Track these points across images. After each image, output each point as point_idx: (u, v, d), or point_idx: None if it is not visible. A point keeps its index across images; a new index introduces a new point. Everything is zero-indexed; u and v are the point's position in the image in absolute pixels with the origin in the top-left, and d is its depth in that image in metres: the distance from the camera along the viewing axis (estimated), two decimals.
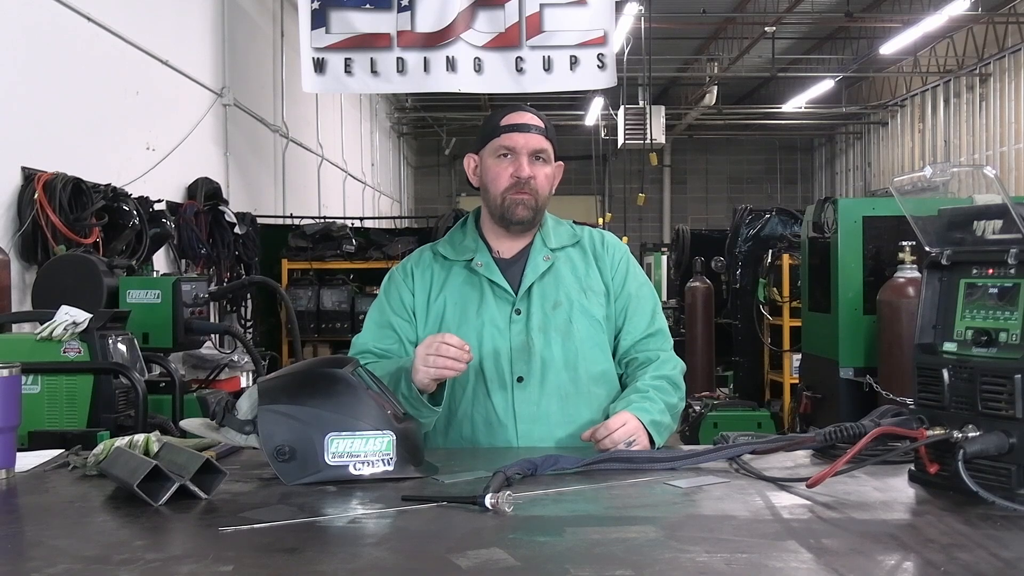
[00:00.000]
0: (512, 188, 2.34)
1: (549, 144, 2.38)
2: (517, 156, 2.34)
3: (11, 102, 5.32)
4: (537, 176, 2.35)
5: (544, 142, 2.36)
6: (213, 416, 1.97)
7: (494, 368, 2.32)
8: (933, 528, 1.51)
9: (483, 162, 2.40)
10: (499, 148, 2.36)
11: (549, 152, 2.38)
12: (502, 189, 2.35)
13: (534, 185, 2.34)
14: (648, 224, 24.96)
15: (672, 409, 2.32)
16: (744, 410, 8.12)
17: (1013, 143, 16.04)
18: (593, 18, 7.88)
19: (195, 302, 4.22)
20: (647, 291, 2.47)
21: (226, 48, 9.07)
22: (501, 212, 2.37)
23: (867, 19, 16.87)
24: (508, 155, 2.35)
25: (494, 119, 2.39)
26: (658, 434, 2.23)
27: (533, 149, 2.35)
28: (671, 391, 2.34)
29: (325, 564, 1.38)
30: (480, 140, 2.41)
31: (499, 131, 2.36)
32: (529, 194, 2.34)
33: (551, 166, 2.40)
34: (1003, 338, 1.65)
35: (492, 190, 2.37)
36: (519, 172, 2.33)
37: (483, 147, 2.40)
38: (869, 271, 5.74)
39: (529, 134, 2.34)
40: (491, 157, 2.37)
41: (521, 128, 2.34)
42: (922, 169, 1.82)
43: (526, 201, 2.35)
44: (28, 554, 1.47)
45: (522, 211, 2.35)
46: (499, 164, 2.36)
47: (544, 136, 2.36)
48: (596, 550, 1.42)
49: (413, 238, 9.32)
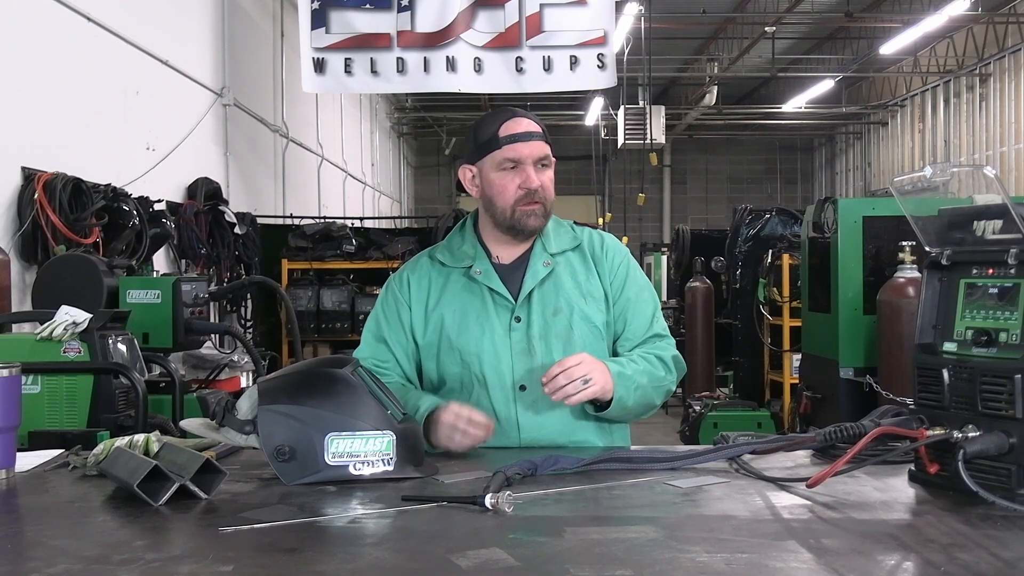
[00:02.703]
0: (522, 200, 2.30)
1: (548, 147, 2.35)
2: (524, 167, 2.29)
3: (11, 102, 5.32)
4: (544, 183, 2.31)
5: (545, 147, 2.33)
6: (213, 416, 1.97)
7: (496, 377, 2.30)
8: (933, 528, 1.51)
9: (485, 174, 2.33)
10: (503, 161, 2.29)
11: (550, 155, 2.35)
12: (512, 202, 2.30)
13: (543, 193, 2.31)
14: (648, 224, 24.94)
15: (652, 376, 2.28)
16: (744, 410, 8.12)
17: (1013, 143, 16.03)
18: (593, 18, 7.87)
19: (195, 302, 4.22)
20: (647, 295, 2.43)
21: (226, 48, 9.07)
22: (511, 224, 2.32)
23: (867, 19, 16.86)
24: (515, 167, 2.30)
25: (490, 128, 2.32)
26: (624, 386, 2.20)
27: (538, 157, 2.31)
28: (656, 363, 2.31)
29: (325, 564, 1.38)
30: (477, 151, 2.34)
31: (500, 142, 2.29)
32: (540, 203, 2.31)
33: (552, 169, 2.37)
34: (1003, 338, 1.65)
35: (500, 203, 2.31)
36: (528, 184, 2.28)
37: (482, 158, 2.33)
38: (869, 271, 5.74)
39: (532, 142, 2.30)
40: (495, 170, 2.31)
41: (523, 137, 2.29)
42: (922, 169, 1.82)
43: (537, 211, 2.31)
44: (28, 554, 1.47)
45: (534, 221, 2.32)
46: (504, 177, 2.30)
47: (544, 140, 2.33)
48: (596, 550, 1.42)
49: (413, 238, 9.32)
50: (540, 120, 2.38)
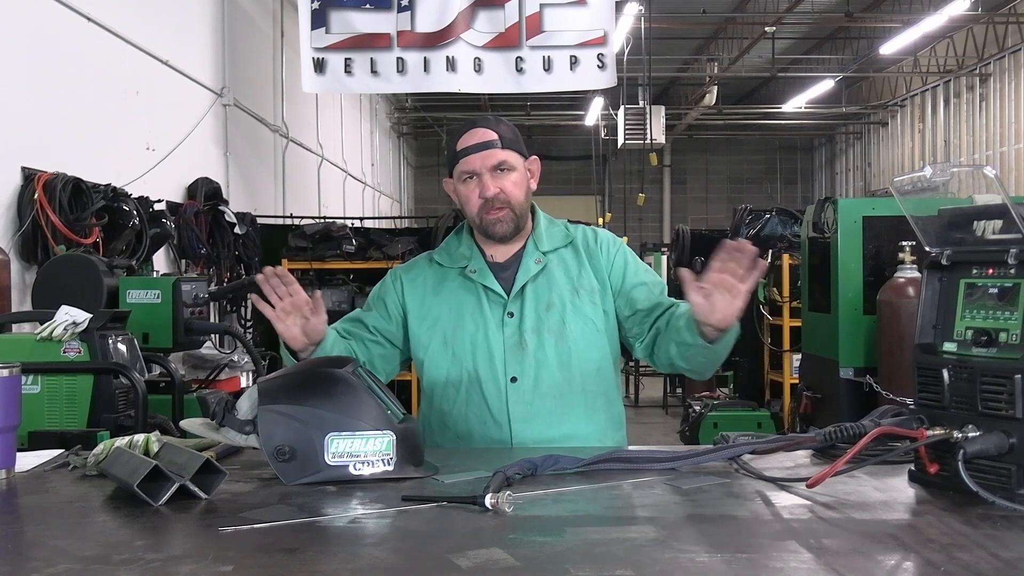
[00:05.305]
0: (483, 208, 2.39)
1: (509, 152, 2.39)
2: (479, 177, 2.38)
3: (11, 102, 5.32)
4: (504, 187, 2.38)
5: (501, 153, 2.38)
6: (213, 416, 1.97)
7: (488, 369, 2.37)
8: (933, 528, 1.51)
9: (456, 187, 2.45)
10: (462, 173, 2.41)
11: (511, 160, 2.39)
12: (476, 211, 2.40)
13: (503, 198, 2.38)
14: (648, 224, 24.91)
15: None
16: (744, 410, 8.12)
17: (1013, 143, 16.04)
18: (593, 18, 7.88)
19: (195, 302, 4.23)
20: (652, 277, 2.50)
21: (226, 48, 9.07)
22: (482, 230, 2.44)
23: (867, 19, 16.86)
24: (472, 177, 2.39)
25: (452, 143, 2.44)
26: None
27: (491, 166, 2.37)
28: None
29: (325, 564, 1.38)
30: (448, 165, 2.46)
31: (458, 156, 2.40)
32: (502, 208, 2.38)
33: (518, 171, 2.41)
34: (1003, 338, 1.65)
35: (468, 212, 2.44)
36: (484, 192, 2.37)
37: (451, 171, 2.45)
38: (869, 271, 5.73)
39: (485, 152, 2.37)
40: (459, 182, 2.42)
41: (474, 149, 2.37)
42: (922, 169, 1.82)
43: (502, 217, 2.39)
44: (28, 554, 1.47)
45: (500, 227, 2.40)
46: (467, 187, 2.40)
47: (501, 147, 2.38)
48: (596, 550, 1.42)
49: (413, 238, 9.31)
50: (505, 124, 2.43)
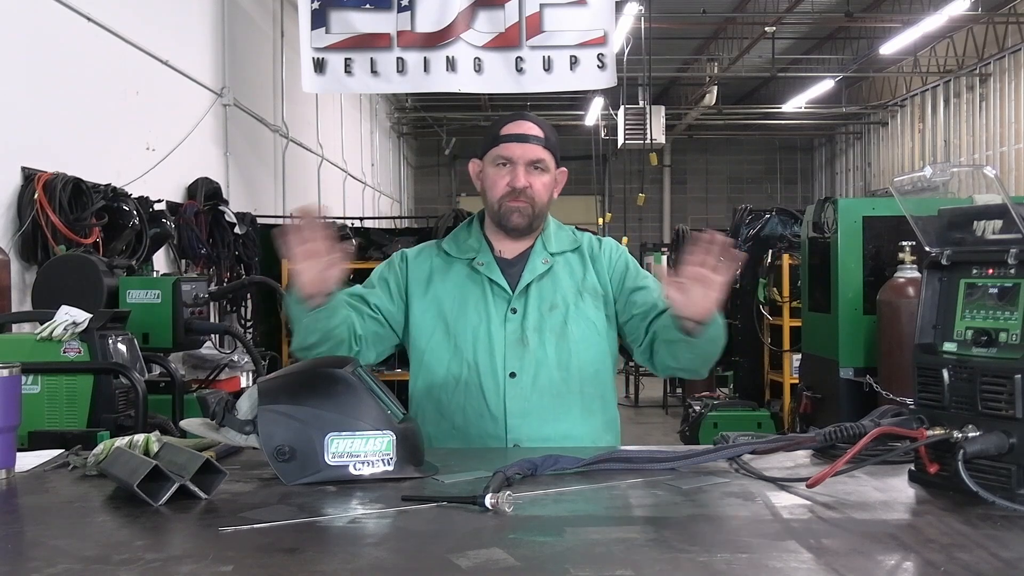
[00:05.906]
0: (508, 196, 2.41)
1: (548, 153, 2.43)
2: (514, 166, 2.40)
3: (11, 102, 5.32)
4: (534, 185, 2.41)
5: (542, 152, 2.42)
6: (213, 416, 1.97)
7: (488, 362, 2.38)
8: (933, 528, 1.51)
9: (484, 169, 2.47)
10: (497, 157, 2.43)
11: (547, 161, 2.43)
12: (499, 196, 2.42)
13: (530, 193, 2.41)
14: (648, 224, 24.92)
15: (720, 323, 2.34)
16: (744, 410, 8.12)
17: (1013, 143, 16.04)
18: (593, 18, 7.88)
19: (195, 302, 4.23)
20: (652, 282, 2.50)
21: (226, 48, 9.07)
22: (498, 218, 2.45)
23: (867, 19, 16.86)
24: (506, 164, 2.41)
25: (496, 127, 2.47)
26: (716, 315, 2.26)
27: (530, 159, 2.41)
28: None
29: (325, 564, 1.38)
30: (483, 146, 2.49)
31: (499, 140, 2.43)
32: (525, 202, 2.41)
33: (550, 174, 2.45)
34: (1003, 338, 1.65)
35: (490, 196, 2.45)
36: (514, 182, 2.40)
37: (485, 153, 2.47)
38: (869, 271, 5.73)
39: (527, 144, 2.41)
40: (491, 165, 2.45)
41: (519, 138, 2.41)
42: (922, 169, 1.82)
43: (522, 209, 2.41)
44: (28, 554, 1.47)
45: (517, 218, 2.42)
46: (497, 172, 2.43)
47: (543, 146, 2.42)
48: (596, 550, 1.42)
49: (413, 238, 9.30)
50: (549, 128, 2.47)
